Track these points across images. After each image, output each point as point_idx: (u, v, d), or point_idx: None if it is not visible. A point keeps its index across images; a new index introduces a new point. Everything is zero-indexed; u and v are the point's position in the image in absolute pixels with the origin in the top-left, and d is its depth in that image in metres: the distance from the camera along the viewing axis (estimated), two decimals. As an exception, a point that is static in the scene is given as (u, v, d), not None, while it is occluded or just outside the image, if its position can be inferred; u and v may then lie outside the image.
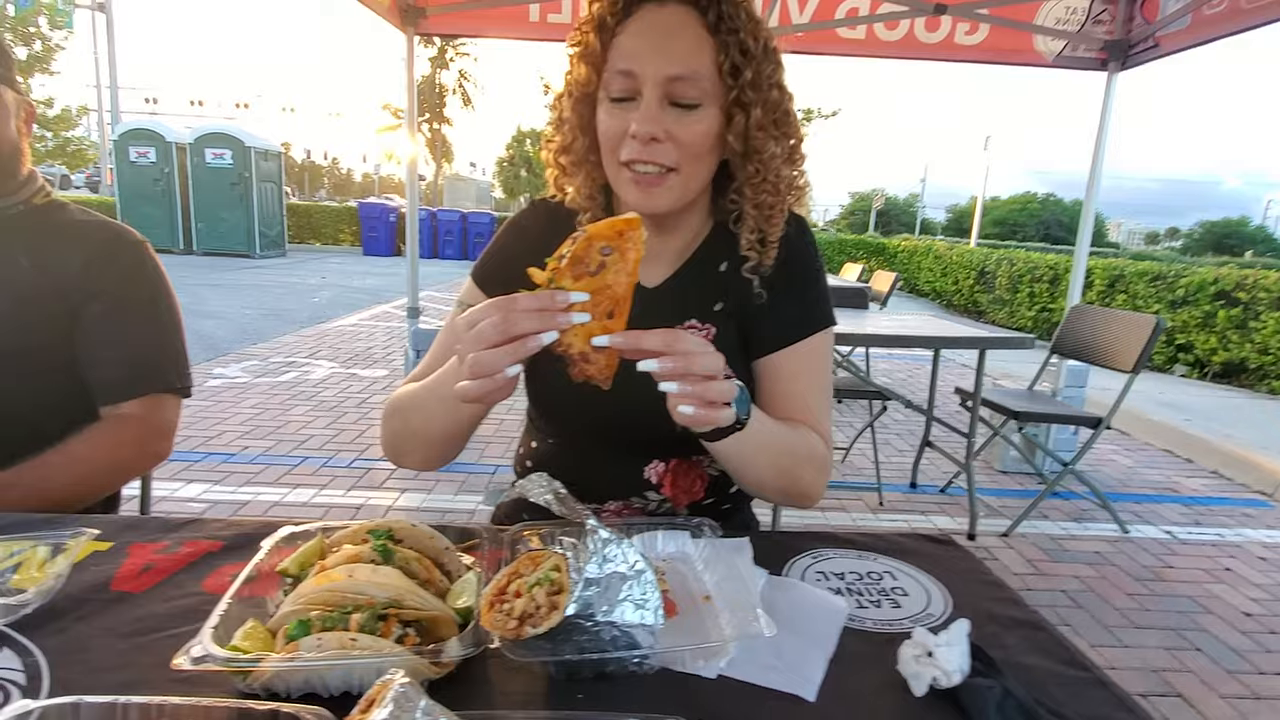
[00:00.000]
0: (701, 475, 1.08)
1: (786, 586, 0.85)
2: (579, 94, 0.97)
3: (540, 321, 0.70)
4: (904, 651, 0.68)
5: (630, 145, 0.91)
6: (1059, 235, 65.27)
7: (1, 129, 1.22)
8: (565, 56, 0.98)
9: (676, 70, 0.89)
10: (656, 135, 0.89)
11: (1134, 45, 3.89)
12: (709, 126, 0.93)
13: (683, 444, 1.04)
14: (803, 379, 1.05)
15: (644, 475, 1.06)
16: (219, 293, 10.08)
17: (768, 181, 0.98)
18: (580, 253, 0.70)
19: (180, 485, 3.29)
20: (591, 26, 0.93)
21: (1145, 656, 2.36)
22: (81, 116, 19.08)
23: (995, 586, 0.88)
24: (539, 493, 0.73)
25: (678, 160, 0.92)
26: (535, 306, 0.70)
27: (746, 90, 0.92)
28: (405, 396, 0.98)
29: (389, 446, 1.03)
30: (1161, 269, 8.03)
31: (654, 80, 0.89)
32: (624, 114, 0.91)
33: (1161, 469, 4.42)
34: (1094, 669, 0.71)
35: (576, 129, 0.99)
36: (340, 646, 0.60)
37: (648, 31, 0.91)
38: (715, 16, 0.90)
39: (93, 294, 1.26)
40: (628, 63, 0.90)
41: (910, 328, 3.35)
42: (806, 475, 0.97)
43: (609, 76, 0.92)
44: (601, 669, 0.66)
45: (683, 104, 0.90)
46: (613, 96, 0.92)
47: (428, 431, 0.95)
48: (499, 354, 0.70)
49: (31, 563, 0.78)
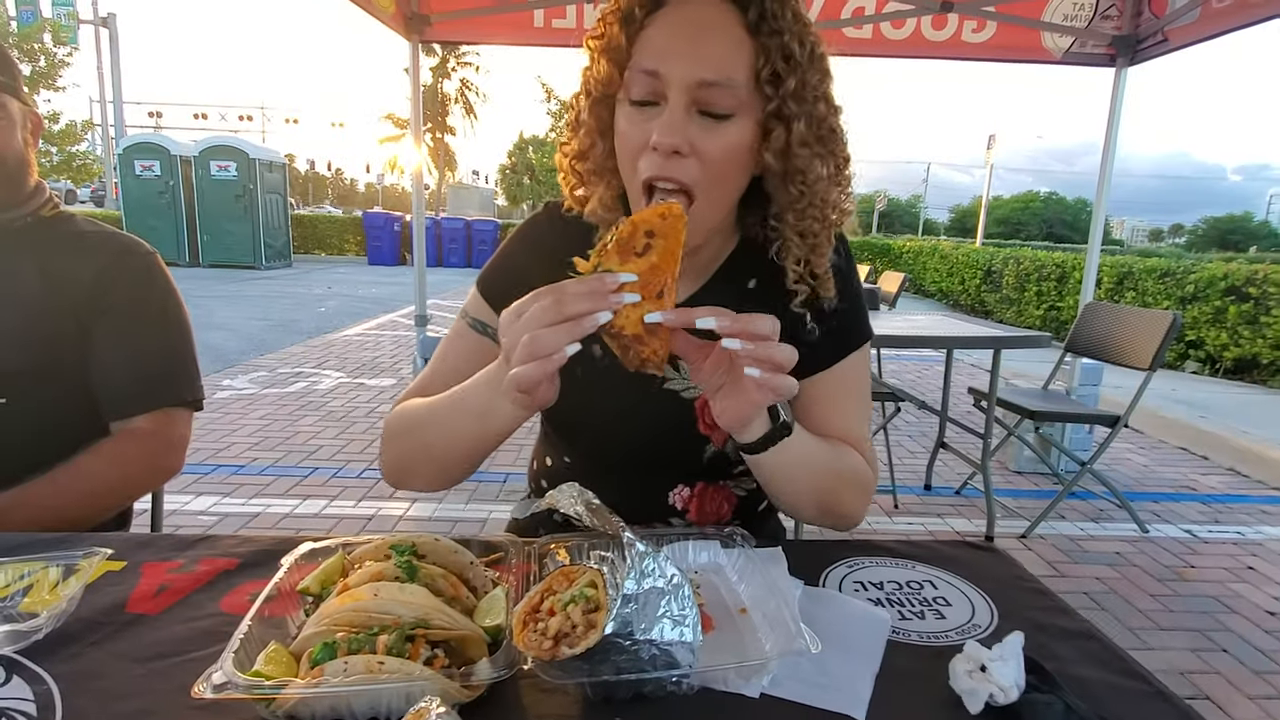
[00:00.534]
0: (729, 497, 1.04)
1: (825, 598, 0.82)
2: (599, 94, 0.87)
3: (592, 303, 0.67)
4: (956, 666, 0.65)
5: (650, 159, 0.81)
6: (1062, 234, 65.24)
7: (8, 140, 1.20)
8: (585, 51, 0.88)
9: (708, 74, 0.78)
10: (679, 147, 0.79)
11: (1142, 40, 3.85)
12: (740, 139, 0.82)
13: (712, 468, 1.00)
14: (843, 400, 0.99)
15: (669, 500, 1.02)
16: (225, 304, 10.09)
17: (813, 207, 0.87)
18: (625, 236, 0.69)
19: (191, 498, 3.26)
20: (616, 18, 0.83)
21: (1171, 659, 2.32)
22: (86, 131, 19.17)
23: (1041, 595, 0.84)
24: (569, 504, 0.70)
25: (698, 179, 0.81)
26: (585, 290, 0.67)
27: (788, 101, 0.82)
28: (418, 414, 0.91)
29: (394, 468, 0.96)
30: (1170, 265, 7.99)
31: (681, 84, 0.79)
32: (645, 121, 0.81)
33: (1178, 467, 4.37)
34: (1153, 680, 0.68)
35: (595, 133, 0.90)
36: (367, 670, 0.57)
37: (678, 27, 0.81)
38: (757, 15, 0.81)
39: (103, 308, 1.24)
40: (653, 61, 0.80)
41: (923, 328, 3.31)
42: (848, 496, 0.93)
43: (631, 76, 0.82)
44: (640, 690, 0.63)
45: (713, 113, 0.80)
46: (634, 99, 0.83)
47: (447, 450, 0.88)
48: (557, 331, 0.66)
49: (43, 584, 0.75)
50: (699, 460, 0.99)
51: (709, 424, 0.96)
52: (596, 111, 0.89)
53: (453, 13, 4.04)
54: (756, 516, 1.10)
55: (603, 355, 0.95)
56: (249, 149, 15.98)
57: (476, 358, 0.96)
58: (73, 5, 20.89)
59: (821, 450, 0.89)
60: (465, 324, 1.01)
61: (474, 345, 0.99)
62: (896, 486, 3.65)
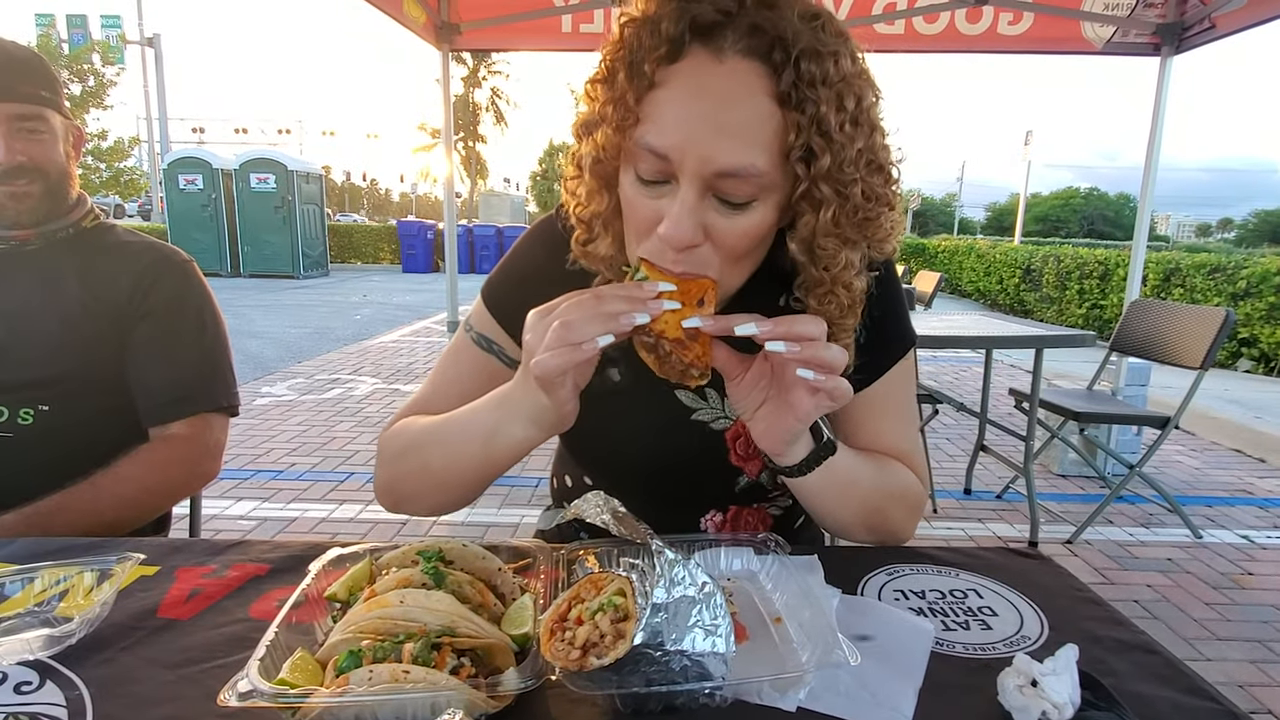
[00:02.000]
0: (764, 519, 1.00)
1: (864, 607, 0.79)
2: (597, 155, 0.74)
3: (630, 305, 0.64)
4: (1005, 681, 0.62)
5: (656, 246, 0.70)
6: (1103, 230, 63.60)
7: (50, 153, 1.23)
8: (583, 96, 0.75)
9: (727, 163, 0.66)
10: (691, 243, 0.69)
11: (1188, 28, 3.73)
12: (763, 223, 0.71)
13: (742, 499, 0.97)
14: (890, 414, 0.93)
15: (700, 526, 0.99)
16: (265, 313, 10.32)
17: (836, 293, 0.76)
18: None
19: (230, 503, 3.33)
20: (623, 64, 0.69)
21: (1228, 670, 2.22)
22: (133, 147, 19.79)
23: (1094, 604, 0.80)
24: (595, 513, 0.68)
25: (712, 262, 0.72)
26: (624, 293, 0.65)
27: (819, 184, 0.69)
28: (418, 433, 0.86)
29: (389, 489, 0.90)
30: (1220, 260, 7.71)
31: (695, 174, 0.67)
32: (654, 198, 0.71)
33: (1232, 470, 4.20)
34: (1221, 699, 0.63)
35: (599, 192, 0.78)
36: (392, 679, 0.56)
37: (694, 100, 0.67)
38: (790, 82, 0.66)
39: (141, 315, 1.26)
40: (663, 141, 0.67)
41: (961, 328, 3.24)
42: (897, 515, 0.89)
43: (638, 149, 0.69)
44: (671, 702, 0.61)
45: (730, 201, 0.69)
46: (642, 177, 0.71)
47: (447, 472, 0.83)
48: (591, 320, 0.63)
49: (78, 589, 0.76)
50: (731, 491, 0.95)
51: (741, 455, 0.92)
52: (598, 171, 0.76)
53: (482, 21, 4.08)
54: (794, 533, 1.06)
55: (623, 379, 0.91)
56: (287, 161, 16.36)
57: (480, 376, 0.92)
58: (120, 27, 21.66)
59: (868, 468, 0.85)
60: (469, 338, 0.95)
61: (477, 361, 0.94)
62: (935, 491, 3.57)
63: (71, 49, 17.83)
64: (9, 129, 1.17)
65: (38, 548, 0.88)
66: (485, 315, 0.94)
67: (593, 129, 0.74)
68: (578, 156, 0.79)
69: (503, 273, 0.96)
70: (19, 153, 1.18)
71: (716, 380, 0.79)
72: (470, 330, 0.95)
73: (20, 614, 0.74)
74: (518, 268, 0.96)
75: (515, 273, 0.95)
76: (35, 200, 1.21)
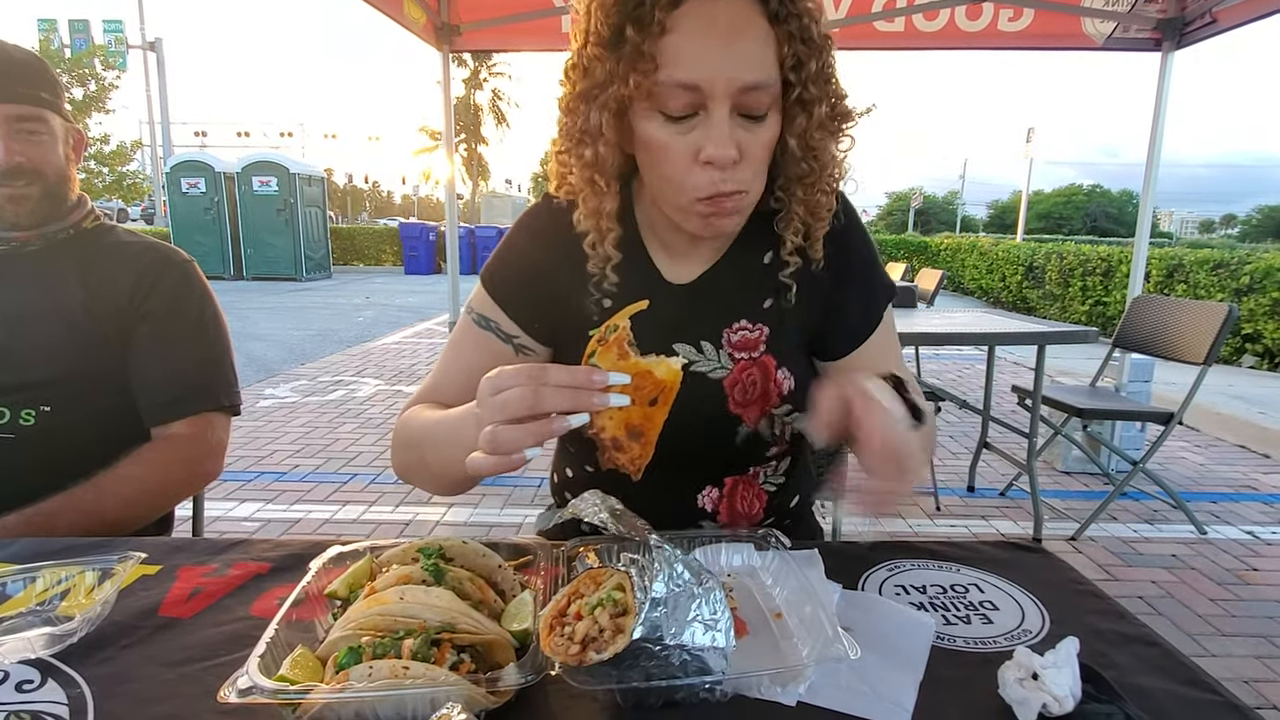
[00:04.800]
0: (759, 494, 1.02)
1: (864, 602, 0.79)
2: (617, 106, 0.80)
3: (572, 400, 0.64)
4: (1005, 674, 0.62)
5: (707, 174, 0.78)
6: (1107, 227, 63.43)
7: (49, 155, 1.23)
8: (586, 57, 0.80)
9: (751, 78, 0.76)
10: (737, 157, 0.78)
11: (1189, 22, 3.71)
12: (774, 132, 0.82)
13: (745, 452, 0.98)
14: (891, 358, 0.99)
15: (698, 503, 1.00)
16: (268, 315, 10.34)
17: (824, 181, 0.87)
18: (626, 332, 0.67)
19: (234, 505, 3.33)
20: (624, 19, 0.76)
21: (1234, 666, 2.21)
22: (136, 151, 19.84)
23: (1095, 598, 0.80)
24: (593, 512, 0.68)
25: (749, 180, 0.81)
26: (569, 383, 0.64)
27: (809, 86, 0.80)
28: (420, 429, 0.90)
29: (400, 471, 0.96)
30: (1224, 256, 7.68)
31: (725, 94, 0.76)
32: (686, 133, 0.78)
33: (1237, 466, 4.18)
34: (1223, 691, 0.63)
35: (615, 145, 0.83)
36: (392, 675, 0.56)
37: (709, 31, 0.75)
38: (777, 2, 0.78)
39: (141, 315, 1.26)
40: (691, 73, 0.75)
41: (963, 325, 3.23)
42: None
43: (664, 90, 0.76)
44: (671, 696, 0.61)
45: (752, 115, 0.79)
46: (673, 114, 0.78)
47: (442, 471, 0.87)
48: (520, 433, 0.63)
49: (79, 589, 0.76)
50: (731, 444, 0.96)
51: (739, 401, 0.94)
52: (615, 125, 0.82)
53: (482, 22, 4.08)
54: (790, 513, 1.07)
55: None
56: (289, 164, 16.37)
57: (482, 354, 0.96)
58: (122, 31, 21.68)
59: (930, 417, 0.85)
60: (471, 320, 0.99)
61: (478, 340, 0.98)
62: (939, 488, 3.56)
63: (74, 53, 17.86)
64: (8, 130, 1.17)
65: (39, 548, 0.89)
66: (483, 295, 0.99)
67: (599, 92, 0.79)
68: (581, 117, 0.83)
69: (499, 255, 1.01)
70: (17, 154, 1.18)
71: (711, 330, 0.94)
72: (471, 312, 1.00)
73: (22, 613, 0.75)
74: (512, 248, 1.01)
75: (510, 253, 1.01)
76: (34, 202, 1.21)
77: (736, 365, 0.94)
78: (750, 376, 0.94)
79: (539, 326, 0.97)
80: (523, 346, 0.97)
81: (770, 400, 0.94)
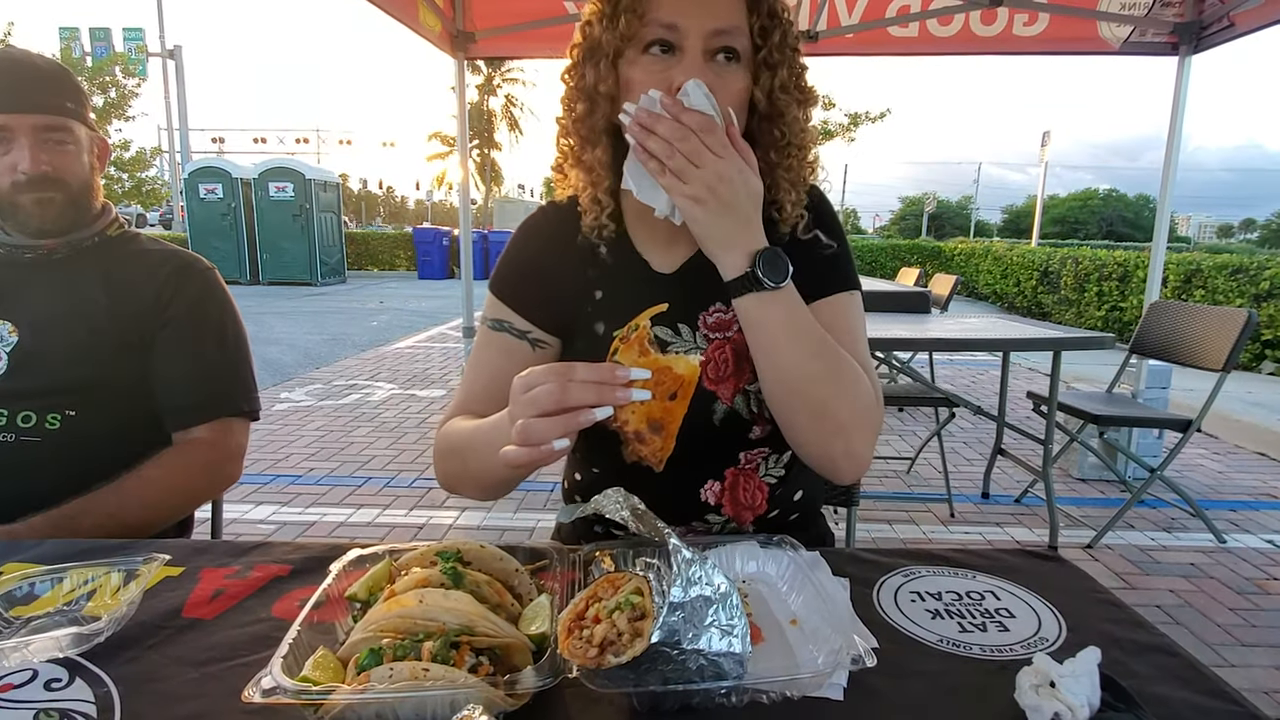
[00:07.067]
0: (760, 486, 1.03)
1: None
2: (613, 50, 0.90)
3: (597, 395, 0.68)
4: (1022, 680, 0.62)
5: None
6: (1123, 232, 62.79)
7: (74, 164, 1.25)
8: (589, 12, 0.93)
9: (721, 23, 0.87)
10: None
11: (1207, 26, 3.68)
12: (746, 83, 0.91)
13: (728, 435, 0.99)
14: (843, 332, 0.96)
15: (702, 497, 1.01)
16: (284, 320, 10.43)
17: (793, 145, 0.95)
18: (646, 331, 0.71)
19: (250, 507, 3.36)
20: None
21: (1254, 676, 2.18)
22: (154, 157, 20.08)
23: (1113, 607, 0.79)
24: (614, 509, 0.68)
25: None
26: (593, 379, 0.68)
27: (774, 51, 0.91)
28: (458, 437, 0.94)
29: (445, 482, 1.00)
30: (1243, 261, 7.59)
31: (699, 32, 0.86)
32: (663, 70, 0.88)
33: (1256, 473, 4.13)
34: (1243, 702, 0.63)
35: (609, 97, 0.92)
36: (412, 676, 0.57)
37: None
38: None
39: (164, 321, 1.28)
40: (671, 15, 0.87)
41: (977, 330, 3.21)
42: (844, 409, 0.87)
43: (648, 30, 0.88)
44: (687, 701, 0.61)
45: (726, 54, 0.89)
46: (654, 53, 0.88)
47: (482, 476, 0.91)
48: (550, 424, 0.68)
49: (105, 589, 0.78)
50: (711, 423, 0.98)
51: (712, 379, 0.97)
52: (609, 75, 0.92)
53: (496, 29, 4.11)
54: (795, 507, 1.08)
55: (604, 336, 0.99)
56: (305, 170, 16.52)
57: (505, 357, 1.00)
58: (142, 39, 22.01)
59: (815, 333, 0.86)
60: (486, 327, 1.03)
61: (499, 344, 1.02)
62: (953, 495, 3.54)
63: (95, 62, 18.13)
64: (35, 140, 1.20)
65: (66, 549, 0.90)
66: (493, 301, 1.04)
67: (595, 48, 0.91)
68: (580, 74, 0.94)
69: (504, 262, 1.07)
70: (44, 163, 1.21)
71: (688, 314, 0.98)
72: (485, 321, 1.04)
73: (50, 613, 0.76)
74: (516, 254, 1.06)
75: (515, 258, 1.06)
76: (58, 209, 1.24)
77: (710, 345, 0.98)
78: (722, 355, 0.97)
79: (546, 319, 1.02)
80: (538, 341, 1.01)
81: (744, 377, 0.97)
